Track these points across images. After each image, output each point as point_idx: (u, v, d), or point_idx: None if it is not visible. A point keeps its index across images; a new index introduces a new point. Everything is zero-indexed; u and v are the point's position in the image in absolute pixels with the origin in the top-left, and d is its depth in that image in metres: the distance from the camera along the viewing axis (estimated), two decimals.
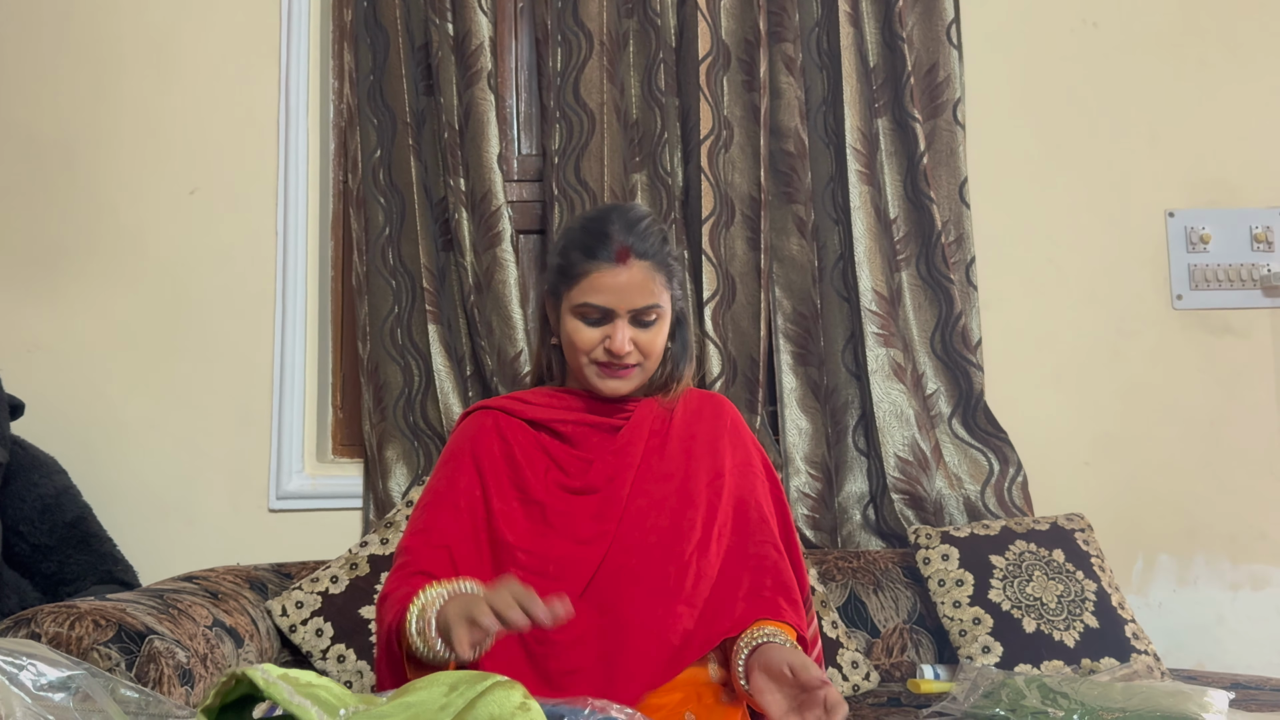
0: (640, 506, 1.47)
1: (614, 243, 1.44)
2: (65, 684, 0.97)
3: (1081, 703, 1.68)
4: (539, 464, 1.50)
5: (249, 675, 0.84)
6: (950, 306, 2.45)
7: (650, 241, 1.47)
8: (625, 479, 1.48)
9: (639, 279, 1.44)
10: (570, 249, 1.48)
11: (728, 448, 1.55)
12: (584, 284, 1.44)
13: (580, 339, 1.47)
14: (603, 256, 1.44)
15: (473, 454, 1.51)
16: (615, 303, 1.44)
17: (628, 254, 1.44)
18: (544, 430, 1.53)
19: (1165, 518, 2.54)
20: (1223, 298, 2.61)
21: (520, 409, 1.55)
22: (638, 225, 1.47)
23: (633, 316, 1.45)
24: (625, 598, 1.42)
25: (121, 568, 2.23)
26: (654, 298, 1.46)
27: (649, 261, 1.46)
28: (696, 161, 2.42)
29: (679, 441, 1.53)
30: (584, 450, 1.52)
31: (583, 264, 1.45)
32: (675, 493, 1.49)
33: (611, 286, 1.44)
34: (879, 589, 2.23)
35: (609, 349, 1.45)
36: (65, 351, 2.43)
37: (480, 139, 2.39)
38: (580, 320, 1.46)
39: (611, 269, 1.43)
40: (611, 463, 1.50)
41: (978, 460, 2.44)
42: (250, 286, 2.46)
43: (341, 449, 2.53)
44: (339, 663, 1.96)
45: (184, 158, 2.49)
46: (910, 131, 2.48)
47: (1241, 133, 2.66)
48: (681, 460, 1.51)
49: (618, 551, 1.44)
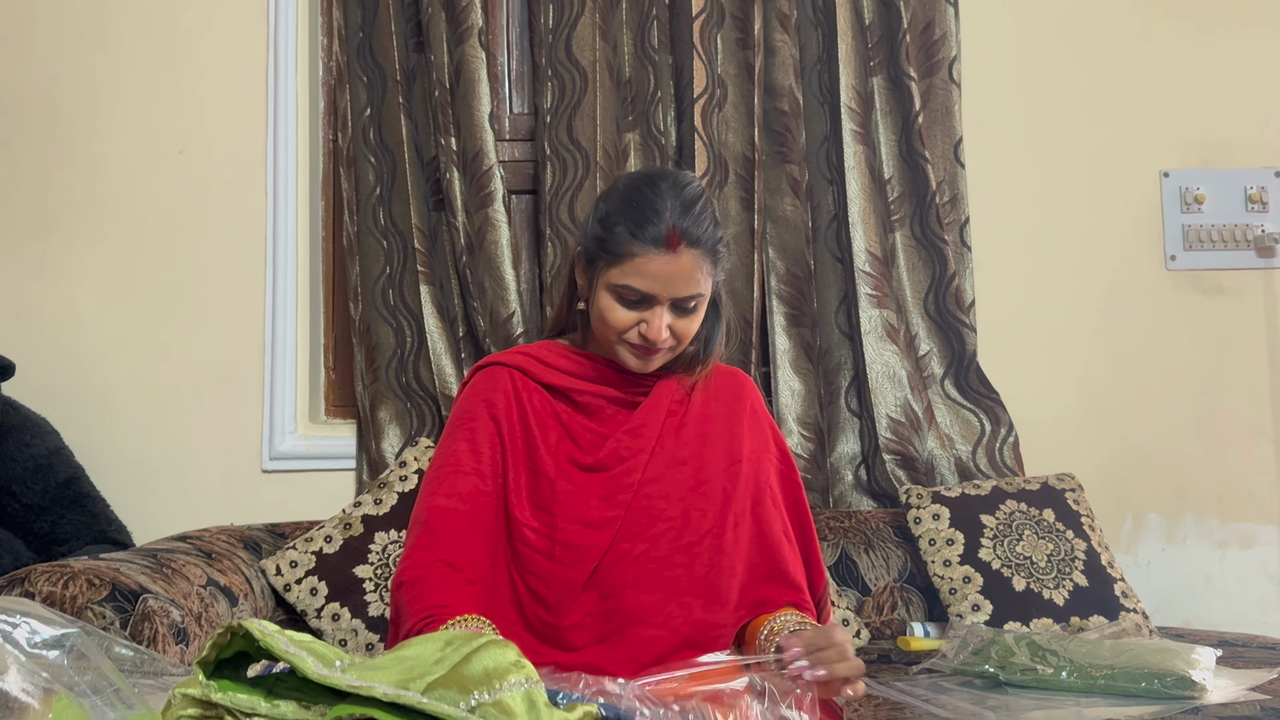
0: (651, 492, 1.41)
1: (665, 225, 1.32)
2: (60, 642, 0.97)
3: (1070, 660, 1.70)
4: (551, 433, 1.44)
5: (245, 626, 0.84)
6: (944, 267, 2.45)
7: (704, 227, 1.34)
8: (638, 462, 1.42)
9: (687, 268, 1.33)
10: (615, 220, 1.35)
11: (746, 432, 1.47)
12: (628, 266, 1.33)
13: (614, 319, 1.37)
14: (651, 239, 1.32)
15: (491, 415, 1.44)
16: (659, 290, 1.34)
17: (679, 241, 1.32)
18: (560, 397, 1.46)
19: (1155, 477, 2.56)
20: (1216, 258, 2.61)
21: (538, 371, 1.46)
22: (693, 207, 1.34)
23: (674, 304, 1.36)
24: (630, 585, 1.37)
25: (115, 528, 2.23)
26: (699, 287, 1.35)
27: (700, 250, 1.34)
28: (690, 120, 2.40)
29: (696, 424, 1.46)
30: (599, 424, 1.45)
31: (629, 244, 1.33)
32: (689, 479, 1.42)
33: (657, 274, 1.32)
34: (870, 548, 2.25)
35: (645, 334, 1.36)
36: (55, 312, 2.41)
37: (471, 97, 2.37)
38: (617, 300, 1.36)
39: (660, 256, 1.32)
40: (626, 442, 1.43)
41: (969, 421, 2.45)
42: (241, 247, 2.44)
43: (334, 410, 2.53)
44: (333, 621, 1.97)
45: (172, 117, 2.46)
46: (906, 90, 2.47)
47: (1237, 92, 2.64)
48: (697, 445, 1.45)
49: (624, 538, 1.39)
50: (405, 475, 2.16)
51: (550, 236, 2.39)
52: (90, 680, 0.92)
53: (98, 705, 0.91)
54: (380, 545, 2.05)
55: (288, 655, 0.86)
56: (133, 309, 2.42)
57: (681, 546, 1.38)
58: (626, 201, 1.36)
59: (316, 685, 0.86)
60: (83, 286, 2.42)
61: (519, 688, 0.87)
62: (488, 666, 0.89)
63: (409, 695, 0.85)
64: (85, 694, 0.90)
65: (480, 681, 0.88)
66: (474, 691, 0.86)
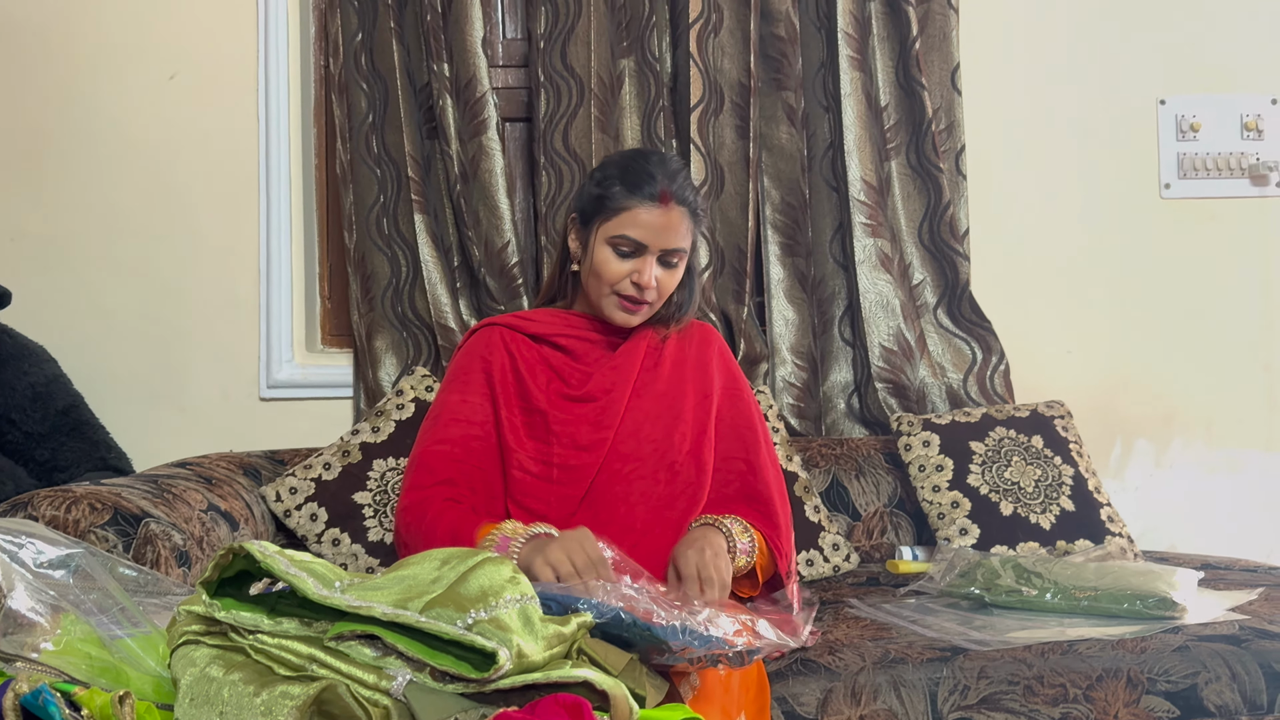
0: (635, 419, 1.59)
1: (658, 184, 1.54)
2: (65, 562, 0.99)
3: (1055, 582, 1.74)
4: (541, 375, 1.62)
5: (247, 548, 0.86)
6: (939, 196, 2.44)
7: (688, 192, 1.57)
8: (623, 391, 1.60)
9: (675, 221, 1.54)
10: (611, 182, 1.56)
11: (716, 373, 1.67)
12: (624, 217, 1.54)
13: (609, 270, 1.56)
14: (646, 194, 1.53)
15: (484, 369, 1.61)
16: (651, 239, 1.54)
17: (669, 198, 1.54)
18: (546, 344, 1.64)
19: (1144, 403, 2.59)
20: (1211, 186, 2.60)
21: (524, 325, 1.65)
22: (679, 174, 1.58)
23: (661, 256, 1.55)
24: (621, 500, 1.54)
25: (115, 455, 2.25)
26: (684, 241, 1.56)
27: (685, 208, 1.56)
28: (685, 46, 2.38)
29: (671, 364, 1.65)
30: (584, 363, 1.63)
31: (625, 199, 1.54)
32: (668, 409, 1.60)
33: (650, 224, 1.53)
34: (860, 474, 2.28)
35: (636, 282, 1.55)
36: (49, 239, 2.41)
37: (463, 22, 2.34)
38: (612, 251, 1.55)
39: (653, 207, 1.53)
40: (610, 375, 1.61)
41: (961, 349, 2.46)
42: (233, 174, 2.43)
43: (330, 339, 2.54)
44: (334, 546, 2.01)
45: (163, 42, 2.43)
46: (903, 15, 2.44)
47: (1236, 18, 2.61)
48: (674, 380, 1.63)
49: (614, 458, 1.56)
50: (402, 404, 2.18)
51: (544, 165, 2.38)
52: (96, 599, 0.95)
53: (104, 623, 0.94)
54: (379, 472, 2.08)
55: (288, 576, 0.88)
56: (126, 235, 2.42)
57: (665, 465, 1.56)
58: (621, 168, 1.58)
59: (317, 604, 0.89)
60: (77, 214, 2.41)
61: (514, 604, 0.90)
62: (484, 585, 0.91)
63: (407, 614, 0.88)
64: (91, 612, 0.93)
65: (476, 599, 0.90)
66: (470, 609, 0.89)
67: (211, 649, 0.88)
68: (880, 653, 1.52)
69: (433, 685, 0.87)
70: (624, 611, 1.06)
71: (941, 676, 1.47)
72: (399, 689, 0.85)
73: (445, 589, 0.91)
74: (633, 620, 1.06)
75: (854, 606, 1.81)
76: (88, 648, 0.90)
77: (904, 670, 1.48)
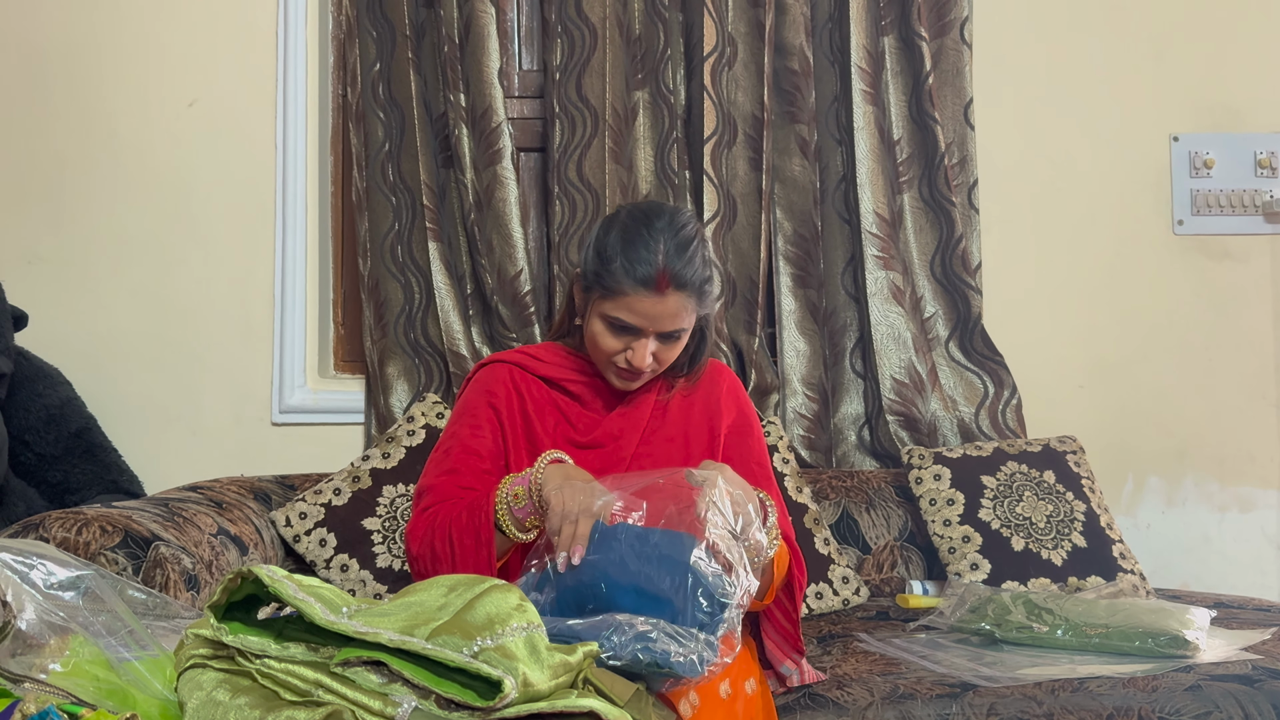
0: (646, 466, 1.54)
1: (657, 270, 1.43)
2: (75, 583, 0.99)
3: (1065, 618, 1.72)
4: (549, 418, 1.57)
5: (255, 573, 0.86)
6: (951, 229, 2.45)
7: (694, 269, 1.46)
8: (631, 438, 1.56)
9: (673, 309, 1.45)
10: (611, 257, 1.46)
11: (725, 411, 1.61)
12: (620, 301, 1.45)
13: (603, 344, 1.49)
14: (642, 280, 1.43)
15: (491, 405, 1.56)
16: (646, 325, 1.46)
17: (668, 284, 1.43)
18: (556, 388, 1.59)
19: (1156, 440, 2.57)
20: (1224, 223, 2.60)
21: (534, 365, 1.59)
22: (686, 250, 1.46)
23: (659, 336, 1.48)
24: None
25: (127, 478, 2.26)
26: (683, 324, 1.48)
27: (687, 291, 1.46)
28: (699, 79, 2.40)
29: (680, 408, 1.60)
30: (592, 409, 1.58)
31: (621, 282, 1.44)
32: (679, 453, 1.56)
33: (645, 313, 1.45)
34: (871, 507, 2.27)
35: (630, 361, 1.48)
36: (67, 263, 2.43)
37: (481, 53, 2.36)
38: (607, 327, 1.48)
39: (649, 297, 1.44)
40: (618, 422, 1.57)
41: (973, 383, 2.46)
42: (250, 200, 2.45)
43: (343, 364, 2.55)
44: (342, 572, 2.01)
45: (183, 69, 2.46)
46: (916, 50, 2.45)
47: (1249, 56, 2.62)
48: (683, 424, 1.59)
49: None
50: (413, 430, 2.19)
51: (558, 194, 2.39)
52: (105, 621, 0.95)
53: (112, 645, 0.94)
54: (388, 499, 2.08)
55: (296, 601, 0.88)
56: (143, 260, 2.44)
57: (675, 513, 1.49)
58: (624, 240, 1.47)
59: (325, 629, 0.89)
60: (94, 238, 2.43)
61: (520, 632, 0.90)
62: (490, 612, 0.91)
63: (414, 641, 0.88)
64: (100, 634, 0.93)
65: (483, 627, 0.90)
66: (476, 637, 0.89)
67: (218, 673, 0.88)
68: (889, 688, 1.51)
69: (438, 713, 0.86)
70: (641, 652, 1.08)
71: (951, 713, 1.46)
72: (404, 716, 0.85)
73: (452, 616, 0.91)
74: (651, 660, 1.08)
75: (863, 641, 1.80)
76: (95, 669, 0.90)
77: (913, 706, 1.47)
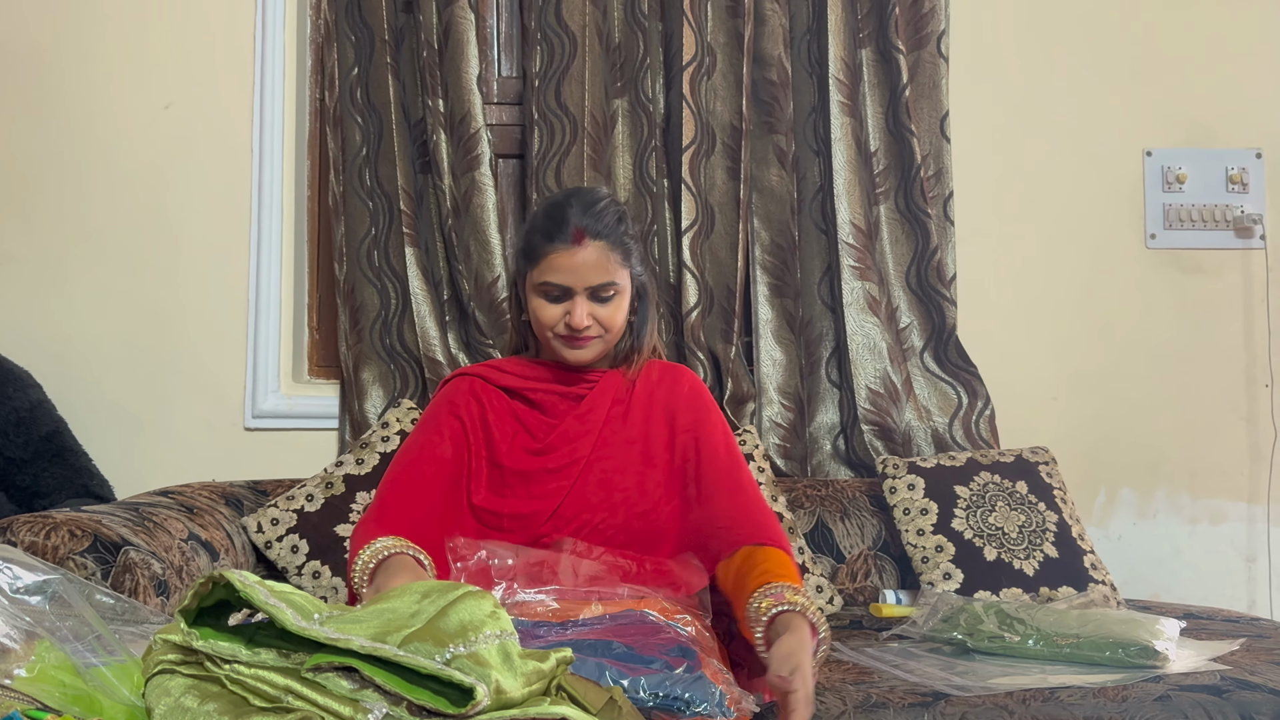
0: (607, 468, 1.57)
1: (570, 225, 1.53)
2: (41, 588, 0.98)
3: (1037, 628, 1.73)
4: (508, 428, 1.61)
5: (227, 577, 0.86)
6: (926, 241, 2.47)
7: (605, 221, 1.55)
8: (587, 441, 1.59)
9: (594, 258, 1.53)
10: (533, 233, 1.57)
11: (683, 410, 1.63)
12: (543, 264, 1.54)
13: (544, 315, 1.56)
14: (559, 238, 1.53)
15: (456, 415, 1.61)
16: (573, 281, 1.53)
17: (583, 235, 1.53)
18: (517, 398, 1.63)
19: (1129, 452, 2.59)
20: (1196, 238, 2.63)
21: (496, 376, 1.64)
22: (594, 206, 1.56)
23: (591, 293, 1.54)
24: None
25: (97, 482, 2.24)
26: (609, 275, 1.54)
27: (604, 241, 1.54)
28: (678, 88, 2.40)
29: (641, 409, 1.63)
30: (551, 415, 1.62)
31: (542, 246, 1.54)
32: (639, 456, 1.59)
33: (568, 266, 1.53)
34: (846, 516, 2.28)
35: (569, 323, 1.55)
36: (38, 265, 2.41)
37: (460, 59, 2.36)
38: (543, 298, 1.56)
39: (568, 249, 1.53)
40: (574, 426, 1.60)
41: (947, 393, 2.47)
42: (226, 204, 2.44)
43: (318, 370, 2.53)
44: (314, 579, 1.99)
45: (159, 72, 2.44)
46: (894, 63, 2.47)
47: (1221, 73, 2.66)
48: (644, 426, 1.61)
49: (584, 509, 1.54)
50: (387, 436, 2.18)
51: (536, 201, 2.39)
52: (72, 626, 0.94)
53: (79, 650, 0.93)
54: (361, 505, 2.07)
55: (267, 606, 0.88)
56: (117, 263, 2.42)
57: (637, 514, 1.54)
58: (542, 216, 1.58)
59: (296, 635, 0.88)
60: (67, 240, 2.41)
61: (494, 639, 0.89)
62: (464, 619, 0.91)
63: (386, 648, 0.87)
64: (67, 639, 0.92)
65: (456, 634, 0.90)
66: (449, 644, 0.88)
67: (187, 679, 0.87)
68: (862, 697, 1.51)
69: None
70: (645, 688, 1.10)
71: None
72: None
73: (425, 623, 0.90)
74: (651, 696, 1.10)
75: (836, 650, 1.80)
76: (61, 675, 0.89)
77: (885, 715, 1.47)
